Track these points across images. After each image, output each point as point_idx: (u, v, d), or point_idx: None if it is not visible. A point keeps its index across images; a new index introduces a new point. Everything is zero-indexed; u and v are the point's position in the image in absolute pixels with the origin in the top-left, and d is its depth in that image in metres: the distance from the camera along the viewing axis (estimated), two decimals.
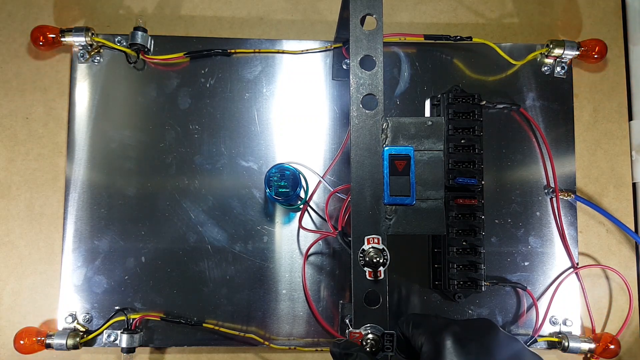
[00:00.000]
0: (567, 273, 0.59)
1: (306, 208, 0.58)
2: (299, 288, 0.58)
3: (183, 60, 0.60)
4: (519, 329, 0.58)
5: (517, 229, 0.60)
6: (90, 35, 0.58)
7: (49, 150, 0.60)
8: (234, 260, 0.58)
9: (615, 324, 0.60)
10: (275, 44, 0.61)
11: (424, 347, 0.41)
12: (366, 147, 0.44)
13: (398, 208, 0.44)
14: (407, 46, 0.61)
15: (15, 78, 0.61)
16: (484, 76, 0.61)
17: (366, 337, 0.42)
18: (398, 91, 0.61)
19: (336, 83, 0.60)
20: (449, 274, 0.55)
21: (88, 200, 0.58)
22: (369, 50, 0.44)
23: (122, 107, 0.59)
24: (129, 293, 0.57)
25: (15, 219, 0.59)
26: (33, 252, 0.58)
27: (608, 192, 0.62)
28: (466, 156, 0.56)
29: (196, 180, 0.59)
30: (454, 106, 0.56)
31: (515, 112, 0.61)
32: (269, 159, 0.59)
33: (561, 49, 0.60)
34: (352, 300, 0.43)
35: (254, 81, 0.60)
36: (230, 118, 0.60)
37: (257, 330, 0.57)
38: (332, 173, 0.59)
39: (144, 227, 0.58)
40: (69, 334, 0.54)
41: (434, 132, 0.45)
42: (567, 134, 0.61)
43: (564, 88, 0.62)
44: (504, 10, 0.65)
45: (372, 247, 0.43)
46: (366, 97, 0.44)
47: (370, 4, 0.44)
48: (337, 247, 0.58)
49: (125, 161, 0.59)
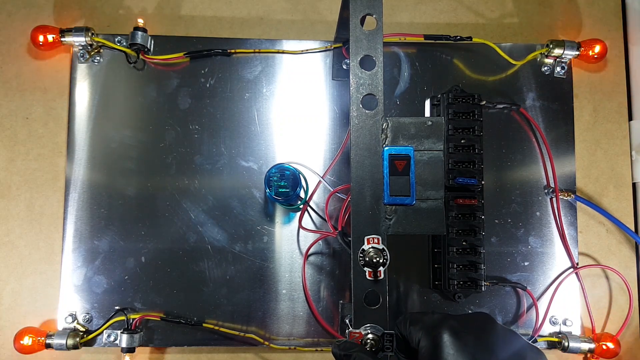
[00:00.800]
0: (567, 273, 0.59)
1: (306, 208, 0.58)
2: (299, 288, 0.58)
3: (183, 60, 0.60)
4: (519, 329, 0.58)
5: (517, 229, 0.60)
6: (90, 35, 0.58)
7: (49, 150, 0.60)
8: (234, 260, 0.58)
9: (615, 324, 0.60)
10: (275, 44, 0.61)
11: (422, 343, 0.40)
12: (366, 147, 0.44)
13: (398, 208, 0.44)
14: (407, 46, 0.61)
15: (15, 78, 0.61)
16: (484, 76, 0.61)
17: (366, 337, 0.42)
18: (398, 91, 0.61)
19: (336, 83, 0.60)
20: (449, 274, 0.55)
21: (88, 200, 0.58)
22: (369, 50, 0.44)
23: (122, 107, 0.59)
24: (129, 293, 0.57)
25: (15, 219, 0.59)
26: (33, 252, 0.58)
27: (608, 192, 0.62)
28: (466, 156, 0.56)
29: (196, 180, 0.59)
30: (454, 106, 0.56)
31: (515, 112, 0.61)
32: (269, 159, 0.59)
33: (561, 49, 0.60)
34: (352, 300, 0.43)
35: (254, 81, 0.60)
36: (230, 118, 0.60)
37: (257, 330, 0.57)
38: (332, 173, 0.59)
39: (144, 227, 0.58)
40: (69, 334, 0.54)
41: (434, 132, 0.45)
42: (567, 134, 0.61)
43: (564, 88, 0.62)
44: (504, 10, 0.65)
45: (372, 247, 0.43)
46: (366, 97, 0.44)
47: (370, 4, 0.44)
48: (337, 247, 0.58)
49: (125, 161, 0.58)
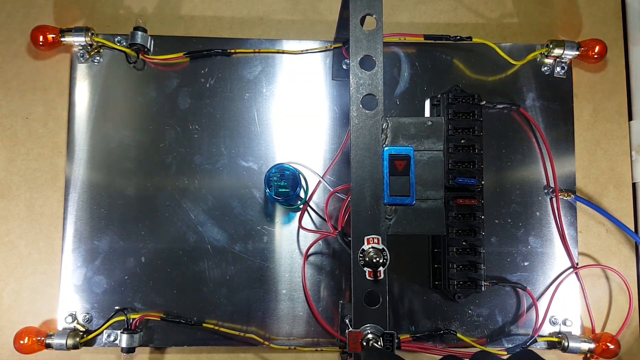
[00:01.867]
0: (567, 273, 0.59)
1: (306, 208, 0.58)
2: (299, 288, 0.58)
3: (183, 60, 0.60)
4: (519, 329, 0.58)
5: (517, 229, 0.60)
6: (90, 35, 0.58)
7: (49, 150, 0.60)
8: (234, 260, 0.58)
9: (615, 324, 0.60)
10: (275, 44, 0.61)
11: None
12: (366, 147, 0.44)
13: (398, 208, 0.44)
14: (407, 46, 0.61)
15: (15, 78, 0.61)
16: (484, 76, 0.61)
17: (366, 337, 0.42)
18: (398, 91, 0.61)
19: (336, 83, 0.60)
20: (448, 274, 0.55)
21: (88, 200, 0.58)
22: (369, 50, 0.44)
23: (122, 107, 0.59)
24: (129, 293, 0.57)
25: (15, 219, 0.59)
26: (33, 252, 0.58)
27: (608, 192, 0.62)
28: (466, 156, 0.56)
29: (196, 180, 0.59)
30: (454, 106, 0.56)
31: (515, 112, 0.61)
32: (269, 159, 0.59)
33: (561, 49, 0.60)
34: (352, 300, 0.43)
35: (254, 81, 0.60)
36: (230, 118, 0.60)
37: (257, 330, 0.57)
38: (332, 173, 0.59)
39: (144, 227, 0.58)
40: (69, 334, 0.54)
41: (433, 132, 0.45)
42: (567, 134, 0.61)
43: (564, 88, 0.62)
44: (504, 10, 0.65)
45: (372, 247, 0.43)
46: (366, 97, 0.44)
47: (370, 4, 0.44)
48: (337, 247, 0.58)
49: (125, 161, 0.58)
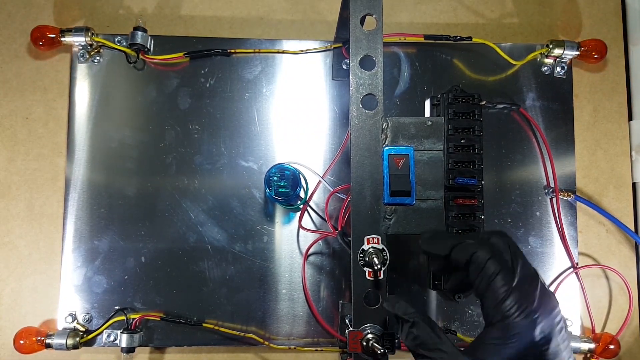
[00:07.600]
0: (567, 273, 0.59)
1: (306, 208, 0.58)
2: (299, 288, 0.58)
3: (183, 60, 0.60)
4: None
5: (517, 229, 0.59)
6: (90, 35, 0.58)
7: (49, 150, 0.60)
8: (234, 260, 0.58)
9: (615, 324, 0.60)
10: (275, 44, 0.61)
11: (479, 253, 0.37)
12: (366, 147, 0.44)
13: (398, 208, 0.44)
14: (407, 46, 0.61)
15: (15, 78, 0.61)
16: (484, 76, 0.61)
17: (366, 337, 0.42)
18: (398, 91, 0.61)
19: (336, 83, 0.60)
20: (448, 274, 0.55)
21: (88, 200, 0.58)
22: (368, 50, 0.44)
23: (122, 107, 0.59)
24: (128, 293, 0.57)
25: (15, 219, 0.59)
26: (33, 252, 0.58)
27: (608, 192, 0.62)
28: (466, 156, 0.56)
29: (196, 180, 0.59)
30: (454, 106, 0.56)
31: (515, 112, 0.61)
32: (269, 159, 0.59)
33: (561, 49, 0.60)
34: (352, 300, 0.43)
35: (254, 81, 0.60)
36: (230, 118, 0.60)
37: (257, 330, 0.57)
38: (332, 173, 0.59)
39: (144, 227, 0.58)
40: (69, 333, 0.54)
41: (433, 132, 0.45)
42: (567, 134, 0.61)
43: (564, 88, 0.62)
44: (504, 10, 0.65)
45: (372, 247, 0.43)
46: (366, 97, 0.44)
47: (370, 4, 0.44)
48: (337, 247, 0.58)
49: (125, 161, 0.58)
